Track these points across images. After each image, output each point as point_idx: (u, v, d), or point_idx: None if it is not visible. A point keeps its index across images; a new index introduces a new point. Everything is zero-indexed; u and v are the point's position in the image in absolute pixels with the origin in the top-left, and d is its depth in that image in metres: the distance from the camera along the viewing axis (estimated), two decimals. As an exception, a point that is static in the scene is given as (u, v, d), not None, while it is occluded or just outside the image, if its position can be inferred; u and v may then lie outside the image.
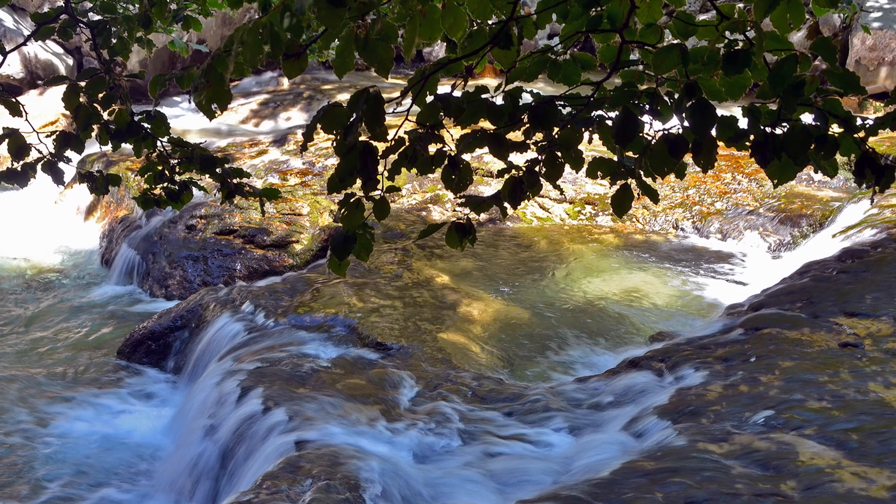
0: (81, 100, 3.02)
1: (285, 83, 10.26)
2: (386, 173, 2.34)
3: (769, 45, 2.20)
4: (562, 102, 2.38)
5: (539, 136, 2.42)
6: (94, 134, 3.08)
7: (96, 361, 4.87)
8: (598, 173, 2.47)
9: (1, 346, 5.16)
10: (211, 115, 2.24)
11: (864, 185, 2.37)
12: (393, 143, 2.33)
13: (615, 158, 2.44)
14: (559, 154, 2.42)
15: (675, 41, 2.28)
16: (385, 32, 2.08)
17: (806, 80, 2.16)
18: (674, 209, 6.43)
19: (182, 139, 3.21)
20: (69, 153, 3.10)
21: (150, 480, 3.71)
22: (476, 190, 6.44)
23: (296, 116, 9.34)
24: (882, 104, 8.41)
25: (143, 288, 6.02)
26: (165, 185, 3.24)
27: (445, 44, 2.51)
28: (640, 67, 2.39)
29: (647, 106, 2.31)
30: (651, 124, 2.34)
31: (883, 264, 3.96)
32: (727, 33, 2.20)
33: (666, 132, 2.30)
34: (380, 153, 2.31)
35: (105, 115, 3.05)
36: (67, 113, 3.25)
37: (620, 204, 2.44)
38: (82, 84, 3.01)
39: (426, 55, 10.88)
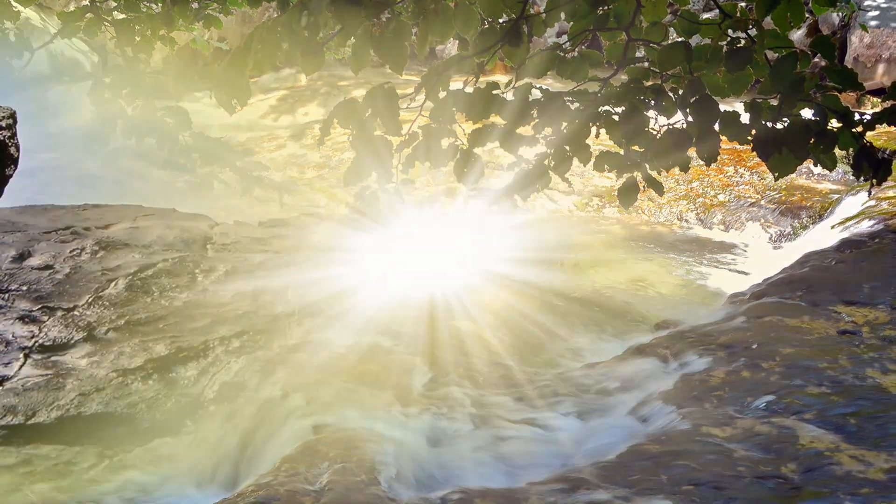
0: (106, 96, 3.10)
1: (303, 79, 10.32)
2: (400, 166, 2.41)
3: (770, 42, 2.25)
4: (570, 98, 2.44)
5: (548, 130, 2.48)
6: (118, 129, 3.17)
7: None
8: (606, 167, 2.52)
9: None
10: (231, 111, 2.32)
11: (862, 178, 2.42)
12: (407, 137, 2.39)
13: (622, 152, 2.50)
14: (567, 148, 2.47)
15: (680, 39, 2.33)
16: (399, 30, 2.14)
17: (806, 77, 2.21)
18: (678, 201, 6.48)
19: (203, 134, 3.29)
20: (94, 147, 3.19)
21: (172, 464, 3.78)
22: (487, 183, 6.50)
23: (313, 111, 9.40)
24: (879, 100, 8.42)
25: (162, 278, 6.11)
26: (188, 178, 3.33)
27: (458, 41, 2.56)
28: (646, 64, 2.44)
29: (653, 101, 2.36)
30: (656, 119, 2.41)
31: (880, 254, 4.01)
32: (730, 31, 2.25)
33: (671, 127, 2.36)
34: (394, 147, 2.38)
35: (129, 111, 3.14)
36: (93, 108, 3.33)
37: (626, 196, 2.51)
38: (107, 80, 3.10)
39: (439, 52, 10.90)
